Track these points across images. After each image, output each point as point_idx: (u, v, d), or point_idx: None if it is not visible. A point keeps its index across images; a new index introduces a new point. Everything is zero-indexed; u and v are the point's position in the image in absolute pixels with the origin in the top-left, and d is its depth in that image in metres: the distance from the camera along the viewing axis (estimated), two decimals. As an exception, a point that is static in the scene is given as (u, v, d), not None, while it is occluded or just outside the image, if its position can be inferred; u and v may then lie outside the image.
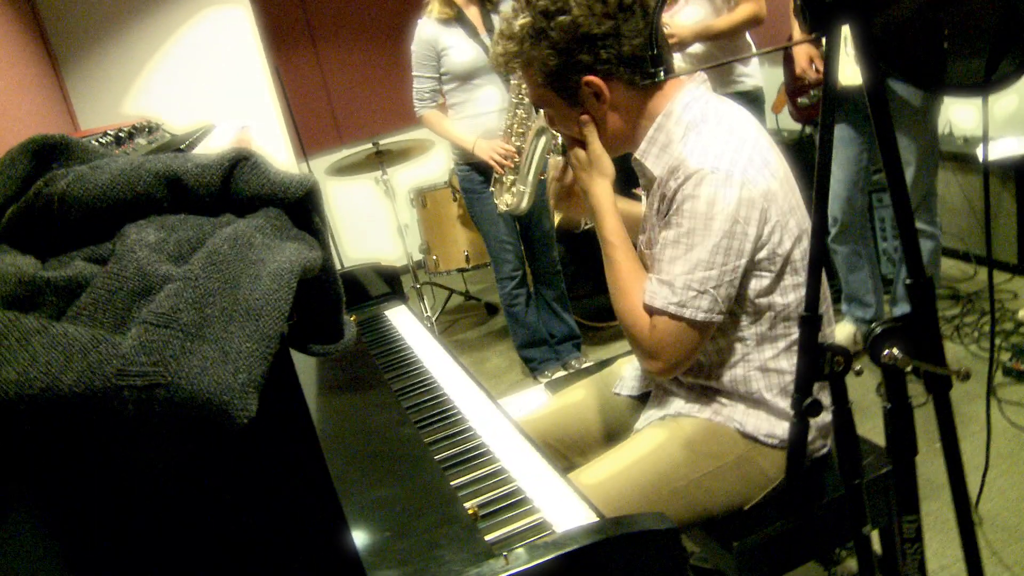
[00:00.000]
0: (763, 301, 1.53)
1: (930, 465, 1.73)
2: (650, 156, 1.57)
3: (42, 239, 0.86)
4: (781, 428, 1.61)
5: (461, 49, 3.29)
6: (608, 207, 1.61)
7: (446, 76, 3.38)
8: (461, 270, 4.79)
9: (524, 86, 3.08)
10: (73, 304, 0.74)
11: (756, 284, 1.52)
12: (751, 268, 1.50)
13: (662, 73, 1.13)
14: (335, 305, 1.02)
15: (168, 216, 0.84)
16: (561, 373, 3.72)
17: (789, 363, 1.60)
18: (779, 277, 1.52)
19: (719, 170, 1.42)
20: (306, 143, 5.47)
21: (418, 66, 3.39)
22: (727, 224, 1.43)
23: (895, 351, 0.90)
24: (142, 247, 0.77)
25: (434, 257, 4.79)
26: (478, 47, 3.30)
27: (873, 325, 0.94)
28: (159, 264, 0.76)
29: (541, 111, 3.10)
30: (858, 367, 1.09)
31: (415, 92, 3.44)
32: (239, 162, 0.87)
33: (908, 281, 0.90)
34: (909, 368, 0.93)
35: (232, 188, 0.88)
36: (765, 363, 1.59)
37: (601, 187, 1.61)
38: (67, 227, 0.83)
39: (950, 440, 0.95)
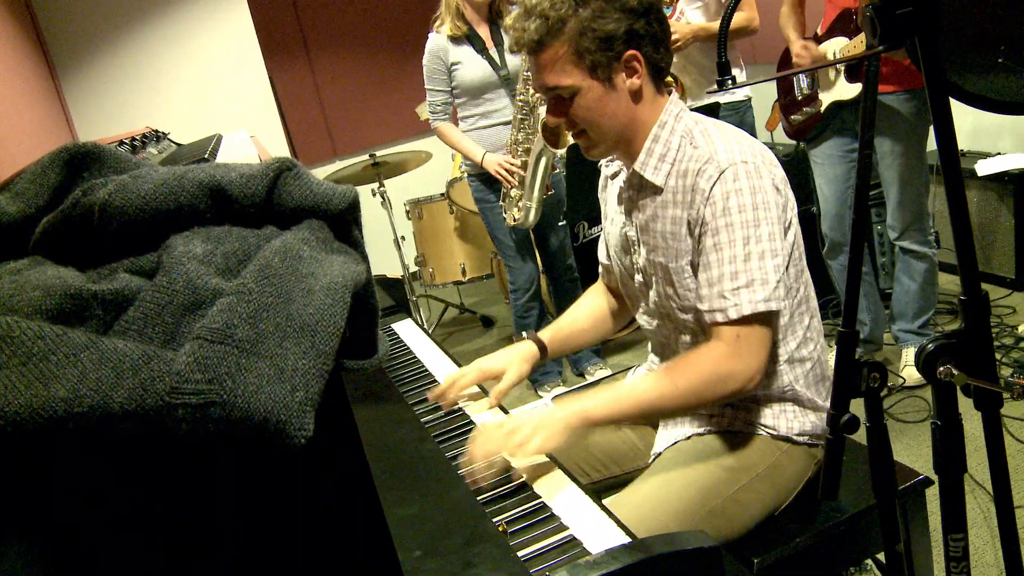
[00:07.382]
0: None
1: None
2: (649, 167, 1.57)
3: (79, 250, 0.83)
4: (810, 422, 1.63)
5: (471, 66, 3.35)
6: (589, 413, 1.50)
7: (456, 90, 3.43)
8: (457, 283, 4.77)
9: (533, 92, 3.08)
10: (120, 318, 0.72)
11: None
12: None
13: (729, 82, 1.12)
14: (372, 319, 1.00)
15: (213, 228, 0.81)
16: (560, 389, 3.69)
17: (808, 351, 1.62)
18: (790, 262, 1.54)
19: (748, 163, 1.47)
20: (300, 154, 5.44)
21: (430, 80, 3.44)
22: (772, 210, 1.47)
23: (951, 368, 0.89)
24: (191, 259, 0.74)
25: (430, 269, 4.75)
26: (486, 63, 3.36)
27: (925, 341, 0.93)
28: (208, 277, 0.74)
29: (539, 132, 3.12)
30: None
31: (428, 105, 3.48)
32: (283, 172, 0.85)
33: (963, 298, 0.89)
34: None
35: (275, 199, 0.86)
36: (791, 354, 1.60)
37: (561, 424, 1.47)
38: (107, 237, 0.81)
39: (999, 459, 0.93)
